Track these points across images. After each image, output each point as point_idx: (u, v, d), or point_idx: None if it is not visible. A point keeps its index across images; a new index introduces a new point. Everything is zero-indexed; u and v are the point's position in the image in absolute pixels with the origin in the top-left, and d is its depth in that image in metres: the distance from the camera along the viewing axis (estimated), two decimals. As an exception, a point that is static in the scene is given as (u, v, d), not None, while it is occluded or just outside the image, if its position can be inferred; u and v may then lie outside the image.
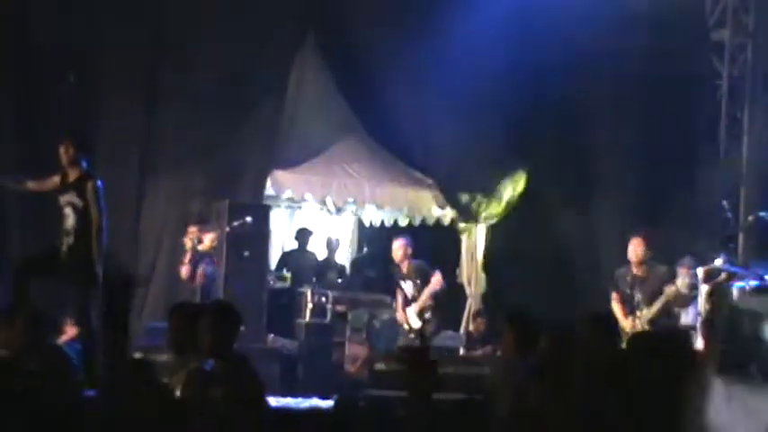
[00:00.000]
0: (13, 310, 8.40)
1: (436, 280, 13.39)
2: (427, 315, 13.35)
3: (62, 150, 10.62)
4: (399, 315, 13.51)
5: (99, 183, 10.55)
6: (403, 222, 16.28)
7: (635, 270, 11.95)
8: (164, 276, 14.31)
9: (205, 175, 14.55)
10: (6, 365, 7.94)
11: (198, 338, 7.27)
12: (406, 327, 13.38)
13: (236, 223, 13.52)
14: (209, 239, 13.55)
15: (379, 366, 12.21)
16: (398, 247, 13.53)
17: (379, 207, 16.27)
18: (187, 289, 13.56)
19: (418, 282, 13.42)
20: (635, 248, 11.96)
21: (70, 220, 10.50)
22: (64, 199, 10.55)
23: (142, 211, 14.52)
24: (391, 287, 14.11)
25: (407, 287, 13.45)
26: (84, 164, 10.60)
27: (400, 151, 15.43)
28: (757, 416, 1.97)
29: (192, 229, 13.82)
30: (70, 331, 12.82)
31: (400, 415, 5.96)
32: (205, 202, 14.43)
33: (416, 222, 16.17)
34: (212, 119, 14.43)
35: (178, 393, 7.06)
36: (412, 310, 13.33)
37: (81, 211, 10.44)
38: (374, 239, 16.51)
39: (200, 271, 13.35)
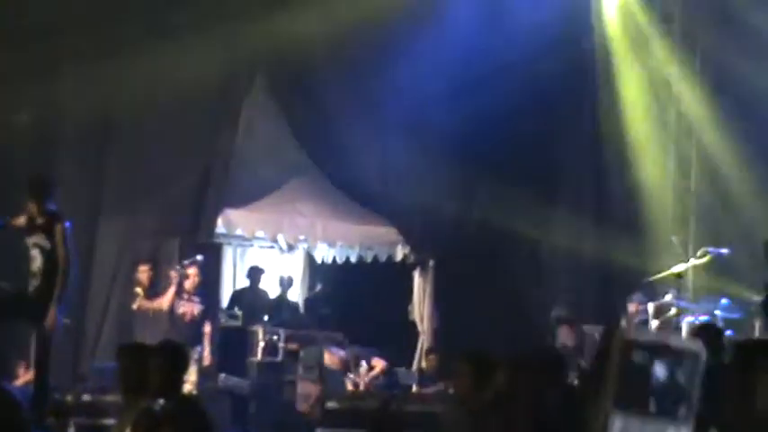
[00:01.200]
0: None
1: (378, 365, 13.69)
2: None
3: (29, 201, 10.48)
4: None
5: (67, 224, 10.47)
6: (354, 259, 16.23)
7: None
8: (115, 316, 14.20)
9: (155, 214, 14.45)
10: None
11: (147, 379, 7.18)
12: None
13: (186, 262, 13.42)
14: (193, 276, 13.37)
15: (332, 404, 12.10)
16: (329, 359, 13.89)
17: (331, 244, 16.22)
18: (145, 322, 13.38)
19: (360, 370, 13.78)
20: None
21: (37, 261, 10.38)
22: (31, 240, 10.43)
23: (95, 251, 14.43)
24: (344, 324, 14.11)
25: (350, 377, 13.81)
26: (51, 206, 10.50)
27: (356, 187, 15.31)
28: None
29: (143, 268, 13.69)
30: (25, 375, 12.67)
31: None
32: (156, 241, 14.34)
33: (369, 259, 16.12)
34: (162, 158, 14.36)
35: (126, 435, 6.97)
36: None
37: (48, 252, 10.33)
38: (327, 277, 16.45)
39: (190, 308, 13.18)
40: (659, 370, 2.01)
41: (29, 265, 10.45)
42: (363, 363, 14.03)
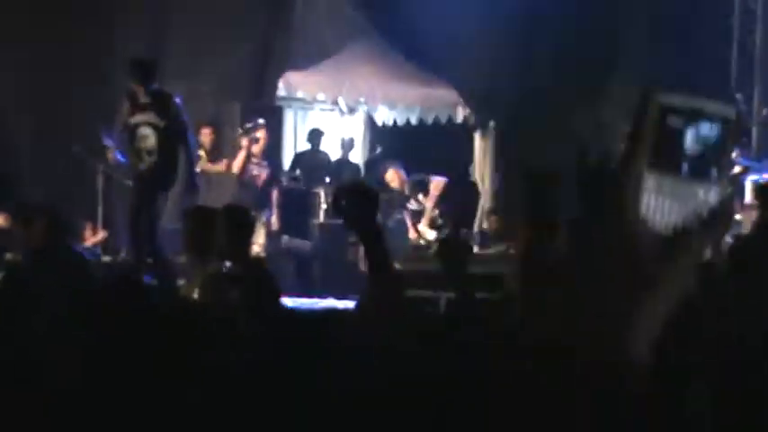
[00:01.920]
0: (32, 212, 8.38)
1: (434, 185, 13.41)
2: (439, 222, 13.37)
3: (134, 83, 10.58)
4: (413, 236, 13.54)
5: (178, 99, 10.64)
6: (415, 121, 16.20)
7: None
8: (180, 178, 14.34)
9: (216, 78, 14.50)
10: (22, 268, 7.99)
11: (213, 241, 7.26)
12: (423, 242, 13.41)
13: (248, 125, 13.46)
14: (261, 140, 13.43)
15: (395, 266, 12.19)
16: (392, 175, 13.63)
17: (392, 106, 16.19)
18: (209, 185, 13.54)
19: (419, 196, 13.45)
20: None
21: (151, 139, 10.53)
22: (141, 119, 10.56)
23: None
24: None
25: (412, 206, 13.46)
26: (155, 86, 10.63)
27: (416, 49, 15.24)
28: (685, 201, 2.04)
29: (206, 131, 13.76)
30: (91, 237, 12.88)
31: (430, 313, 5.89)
32: (218, 105, 14.41)
33: (429, 121, 16.09)
34: (223, 23, 14.34)
35: (195, 296, 7.09)
36: (423, 226, 13.34)
37: (162, 129, 10.47)
38: (387, 139, 16.44)
39: (258, 172, 13.25)
40: (692, 134, 2.07)
41: (138, 144, 10.55)
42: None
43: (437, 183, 13.51)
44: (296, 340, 3.37)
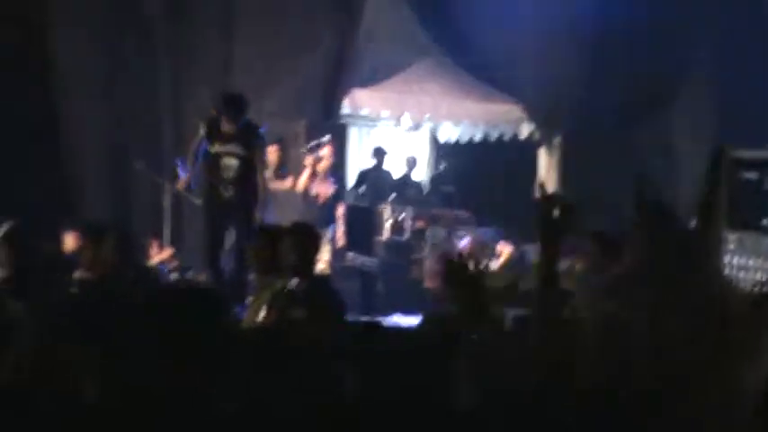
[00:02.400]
0: (102, 230, 8.45)
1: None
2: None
3: (225, 116, 10.71)
4: None
5: (262, 129, 10.85)
6: (479, 138, 16.18)
7: None
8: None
9: (282, 97, 14.59)
10: (92, 287, 8.04)
11: (280, 258, 7.27)
12: None
13: (313, 143, 13.51)
14: (326, 158, 13.47)
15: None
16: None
17: (456, 123, 16.17)
18: (275, 202, 13.61)
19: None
20: None
21: (233, 169, 10.69)
22: (224, 150, 10.72)
23: None
24: (469, 201, 14.10)
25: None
26: (245, 118, 10.79)
27: (481, 66, 15.24)
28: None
29: (272, 149, 13.82)
30: (158, 254, 12.96)
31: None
32: (281, 123, 14.47)
33: (493, 137, 16.06)
34: (290, 41, 14.43)
35: (263, 313, 7.11)
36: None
37: (245, 159, 10.63)
38: (451, 155, 16.42)
39: (323, 190, 13.29)
40: None
41: (221, 173, 10.68)
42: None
43: (506, 249, 13.65)
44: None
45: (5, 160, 14.24)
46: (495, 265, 13.52)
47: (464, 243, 13.72)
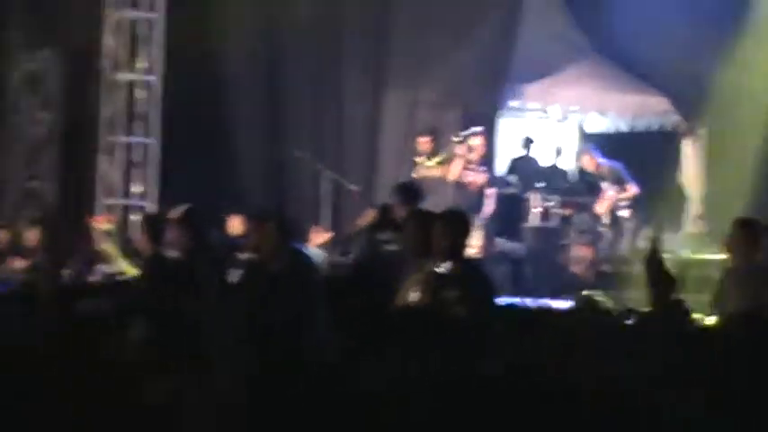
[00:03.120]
0: (264, 215, 8.63)
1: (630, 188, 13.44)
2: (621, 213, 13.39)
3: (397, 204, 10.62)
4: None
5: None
6: (625, 129, 16.03)
7: None
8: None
9: (437, 87, 14.68)
10: (255, 269, 8.24)
11: (433, 243, 7.34)
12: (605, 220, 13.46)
13: (464, 133, 13.55)
14: (478, 147, 13.50)
15: (605, 268, 12.12)
16: (588, 161, 13.64)
17: (603, 114, 16.04)
18: (427, 190, 13.71)
19: (615, 186, 13.49)
20: None
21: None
22: (386, 237, 10.62)
23: (380, 123, 14.93)
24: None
25: (604, 186, 13.55)
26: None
27: (628, 60, 15.08)
28: None
29: (424, 138, 13.90)
30: (316, 238, 13.17)
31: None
32: (437, 112, 14.57)
33: (640, 128, 15.90)
34: (445, 33, 14.52)
35: (413, 296, 7.18)
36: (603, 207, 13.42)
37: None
38: (598, 146, 16.29)
39: (475, 178, 13.33)
40: None
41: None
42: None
43: (632, 188, 13.49)
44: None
45: (181, 155, 14.67)
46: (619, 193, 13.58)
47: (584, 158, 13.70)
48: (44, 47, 15.97)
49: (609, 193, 13.80)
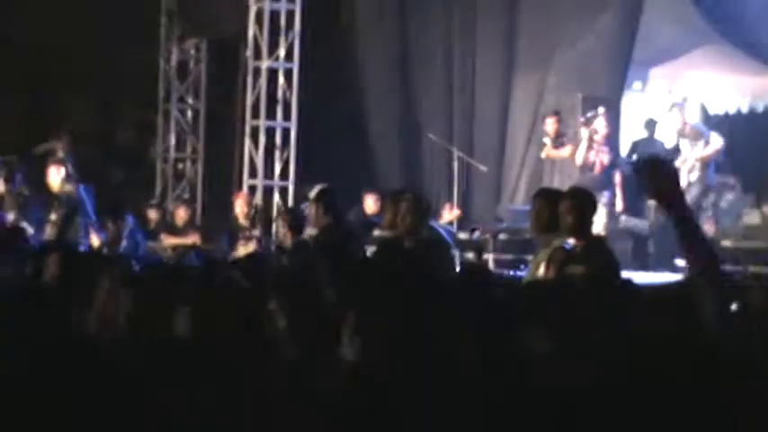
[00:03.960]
0: (400, 194, 8.73)
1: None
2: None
3: None
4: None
5: None
6: (745, 110, 15.80)
7: None
8: (530, 164, 14.68)
9: (562, 70, 14.67)
10: (391, 245, 8.34)
11: (559, 220, 7.37)
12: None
13: (589, 115, 13.49)
14: (602, 129, 13.41)
15: (726, 243, 11.98)
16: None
17: (724, 96, 15.82)
18: (553, 169, 13.69)
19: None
20: None
21: None
22: None
23: (509, 104, 15.02)
24: (736, 169, 13.82)
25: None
26: None
27: (748, 42, 14.84)
28: None
29: (550, 120, 13.88)
30: (448, 215, 13.28)
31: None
32: (561, 96, 14.56)
33: (759, 110, 15.66)
34: (568, 18, 14.49)
35: (541, 270, 7.22)
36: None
37: None
38: (719, 127, 16.07)
39: (599, 158, 13.27)
40: None
41: None
42: None
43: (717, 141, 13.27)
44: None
45: (320, 139, 14.91)
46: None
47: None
48: (192, 37, 16.37)
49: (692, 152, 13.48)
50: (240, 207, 13.48)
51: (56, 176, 11.80)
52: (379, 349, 3.95)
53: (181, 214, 14.42)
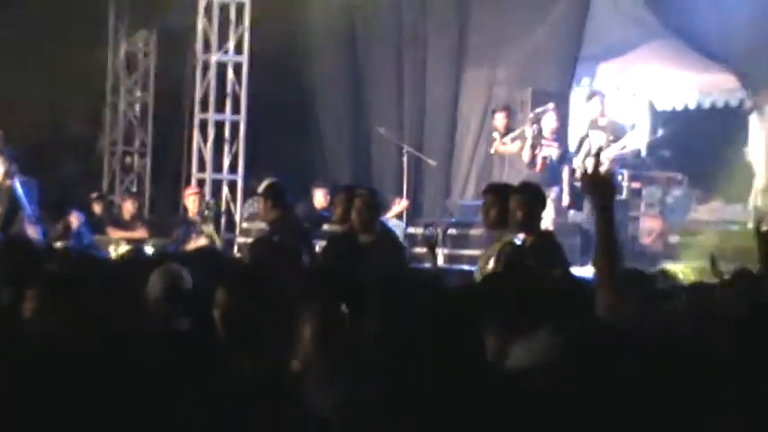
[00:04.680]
0: (354, 189, 8.72)
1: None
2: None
3: None
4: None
5: None
6: (693, 105, 15.95)
7: None
8: (480, 159, 14.74)
9: (512, 65, 14.73)
10: (344, 240, 8.37)
11: (509, 215, 7.41)
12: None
13: (538, 110, 13.55)
14: (552, 123, 13.43)
15: (673, 239, 12.09)
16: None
17: (671, 92, 15.97)
18: (502, 164, 13.74)
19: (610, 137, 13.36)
20: None
21: None
22: None
23: (459, 99, 15.07)
24: (683, 165, 13.96)
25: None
26: None
27: (696, 38, 14.97)
28: None
29: (500, 115, 13.93)
30: (396, 206, 13.28)
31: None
32: (511, 90, 14.62)
33: (706, 105, 15.81)
34: (518, 11, 14.58)
35: (491, 265, 7.26)
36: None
37: None
38: (667, 122, 16.22)
39: (548, 152, 13.30)
40: None
41: None
42: None
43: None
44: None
45: (268, 132, 14.88)
46: None
47: None
48: (141, 29, 16.28)
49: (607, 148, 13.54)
50: (192, 203, 13.40)
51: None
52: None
53: (128, 207, 14.34)
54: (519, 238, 7.29)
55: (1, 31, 15.24)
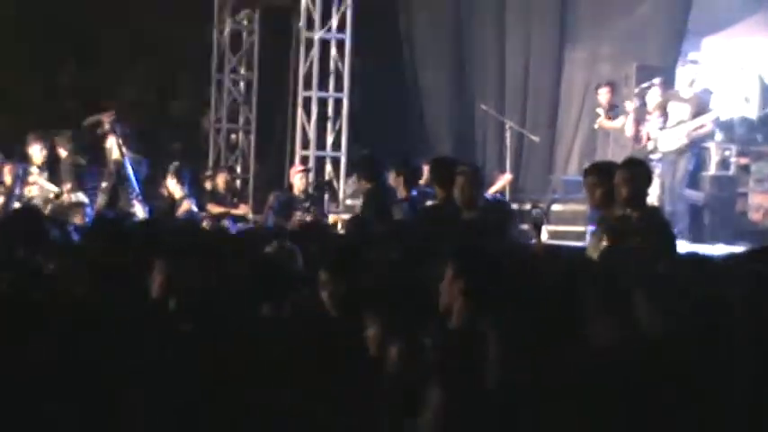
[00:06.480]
0: (457, 165, 8.73)
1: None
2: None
3: None
4: None
5: None
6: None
7: None
8: (583, 135, 14.60)
9: (615, 41, 14.55)
10: (447, 214, 8.38)
11: (614, 191, 7.33)
12: None
13: (643, 85, 13.37)
14: (655, 100, 13.22)
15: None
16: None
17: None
18: (606, 140, 13.59)
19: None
20: None
21: None
22: None
23: (562, 75, 14.93)
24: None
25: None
26: None
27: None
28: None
29: (603, 90, 13.78)
30: (500, 182, 13.23)
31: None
32: (615, 66, 14.45)
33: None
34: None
35: (604, 242, 7.18)
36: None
37: None
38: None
39: (650, 128, 13.12)
40: None
41: None
42: None
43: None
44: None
45: (371, 109, 14.95)
46: None
47: None
48: (245, 8, 16.41)
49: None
50: (299, 179, 13.45)
51: (106, 147, 12.18)
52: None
53: (222, 180, 14.55)
54: (627, 214, 7.21)
55: (107, 10, 15.53)
